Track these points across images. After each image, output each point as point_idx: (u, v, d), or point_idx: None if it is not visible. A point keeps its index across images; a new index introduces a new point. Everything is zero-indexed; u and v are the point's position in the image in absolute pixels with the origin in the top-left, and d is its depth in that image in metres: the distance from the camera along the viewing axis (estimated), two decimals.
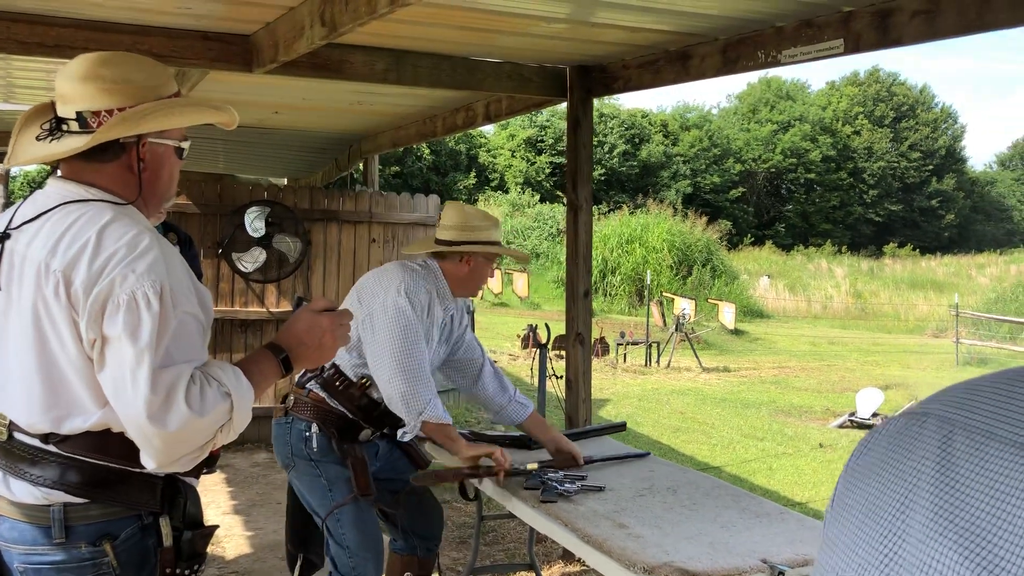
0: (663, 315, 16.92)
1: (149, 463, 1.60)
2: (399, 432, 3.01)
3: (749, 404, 10.34)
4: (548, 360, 6.14)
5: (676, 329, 14.21)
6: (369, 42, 4.27)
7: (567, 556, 4.65)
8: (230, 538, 4.87)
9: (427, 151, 34.43)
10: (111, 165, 1.72)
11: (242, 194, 6.96)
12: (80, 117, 1.70)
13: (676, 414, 9.53)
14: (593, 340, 13.92)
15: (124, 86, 1.71)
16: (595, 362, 12.69)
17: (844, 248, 39.24)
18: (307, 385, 3.03)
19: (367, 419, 3.05)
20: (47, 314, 1.61)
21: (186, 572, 1.75)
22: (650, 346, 13.51)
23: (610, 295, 22.08)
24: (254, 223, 6.69)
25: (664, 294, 18.54)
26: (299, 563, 3.21)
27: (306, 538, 3.21)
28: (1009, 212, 49.76)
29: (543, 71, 4.81)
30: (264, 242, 6.76)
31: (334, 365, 3.01)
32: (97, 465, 1.65)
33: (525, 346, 13.13)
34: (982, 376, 0.69)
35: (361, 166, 8.67)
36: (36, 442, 1.64)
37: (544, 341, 6.03)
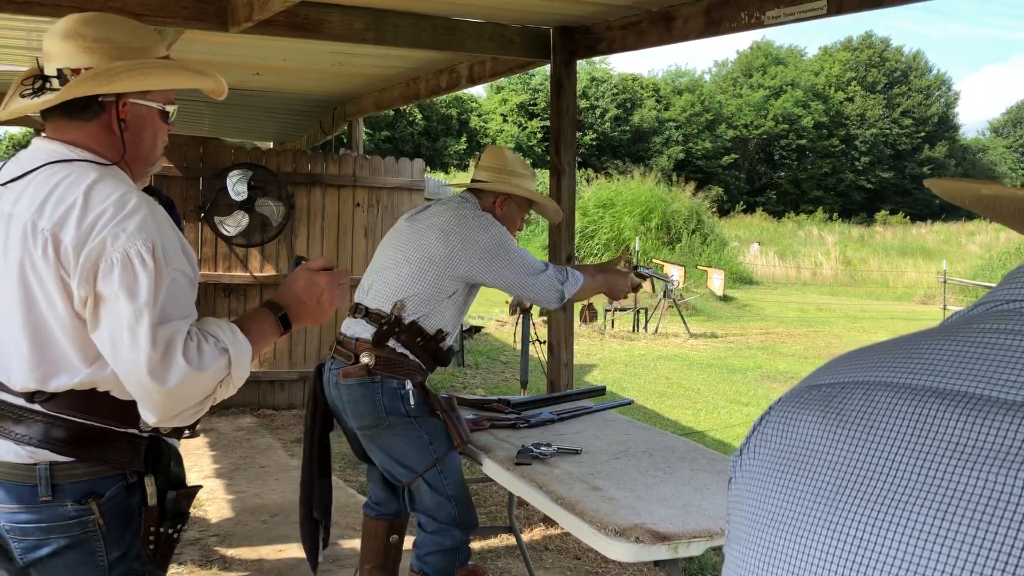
0: (652, 281, 16.92)
1: (150, 418, 1.63)
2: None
3: (735, 370, 10.38)
4: (532, 326, 6.13)
5: (664, 295, 14.21)
6: (347, 0, 4.19)
7: (548, 520, 4.67)
8: (212, 501, 4.88)
9: (418, 116, 34.20)
10: (92, 124, 1.73)
11: (224, 157, 6.89)
12: (61, 74, 1.71)
13: (662, 379, 9.56)
14: (581, 307, 13.87)
15: (104, 45, 1.72)
16: (583, 328, 12.69)
17: (835, 215, 39.25)
18: (388, 343, 2.97)
19: (432, 367, 3.07)
20: (35, 273, 1.62)
21: (169, 531, 1.77)
22: (638, 312, 13.52)
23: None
24: (236, 186, 6.63)
25: (654, 261, 18.53)
26: (322, 532, 3.18)
27: (328, 505, 3.19)
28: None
29: (525, 32, 4.74)
30: (247, 206, 6.71)
31: (413, 322, 2.98)
32: (83, 424, 1.66)
33: (513, 312, 13.13)
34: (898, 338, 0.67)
35: (346, 129, 8.59)
36: (21, 401, 1.65)
37: (528, 307, 6.02)
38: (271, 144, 10.97)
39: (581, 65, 4.96)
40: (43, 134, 1.79)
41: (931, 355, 0.62)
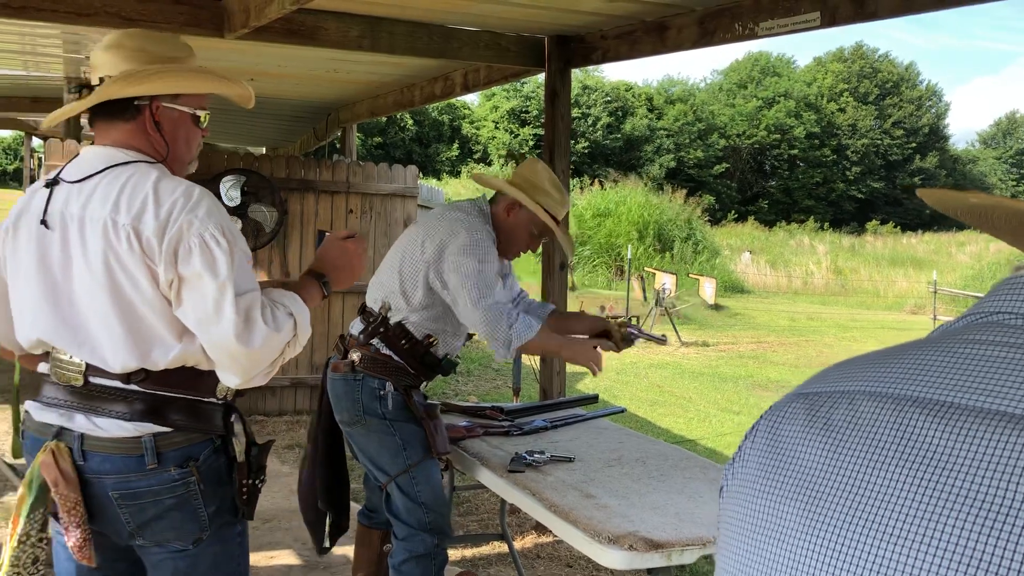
0: (643, 290, 16.95)
1: (232, 380, 1.84)
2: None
3: (726, 378, 10.40)
4: None
5: (656, 303, 14.24)
6: (343, 8, 4.20)
7: (540, 527, 4.67)
8: None
9: (410, 122, 34.20)
10: (130, 125, 1.90)
11: (217, 162, 6.88)
12: (102, 81, 1.90)
13: (653, 387, 9.57)
14: None
15: (139, 54, 1.91)
16: None
17: (826, 225, 39.38)
18: (372, 342, 2.95)
19: (426, 374, 3.02)
20: (119, 264, 1.79)
21: (255, 482, 2.00)
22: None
23: (592, 272, 22.07)
24: (229, 192, 6.61)
25: (645, 269, 18.56)
26: (328, 525, 3.17)
27: (337, 499, 3.17)
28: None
29: (521, 40, 4.76)
30: (240, 211, 6.69)
31: (399, 323, 2.95)
32: (173, 397, 1.87)
33: None
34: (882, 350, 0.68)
35: (340, 135, 8.59)
36: (117, 383, 1.84)
37: None
38: (264, 150, 10.96)
39: (574, 73, 4.98)
40: (90, 142, 1.97)
41: (914, 366, 0.63)
